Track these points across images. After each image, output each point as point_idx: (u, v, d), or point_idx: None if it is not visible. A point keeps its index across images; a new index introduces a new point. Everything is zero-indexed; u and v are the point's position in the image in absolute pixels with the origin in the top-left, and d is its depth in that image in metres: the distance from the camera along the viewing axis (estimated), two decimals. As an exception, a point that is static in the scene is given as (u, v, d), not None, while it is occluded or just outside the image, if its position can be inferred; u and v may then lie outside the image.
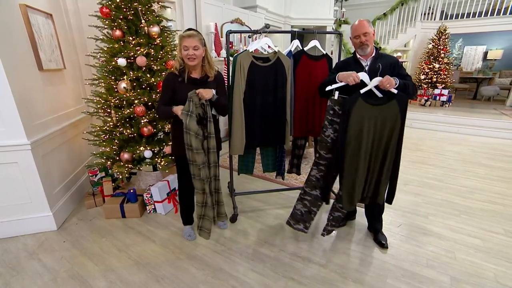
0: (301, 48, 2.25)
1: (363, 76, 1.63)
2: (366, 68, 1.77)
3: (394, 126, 1.65)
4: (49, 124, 2.22)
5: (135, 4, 2.20)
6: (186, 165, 1.79)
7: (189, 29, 1.67)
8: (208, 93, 1.65)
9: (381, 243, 1.97)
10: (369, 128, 1.64)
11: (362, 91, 1.62)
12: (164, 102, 1.73)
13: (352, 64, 1.82)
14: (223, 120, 4.02)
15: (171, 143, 1.94)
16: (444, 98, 6.70)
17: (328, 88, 1.72)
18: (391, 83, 1.60)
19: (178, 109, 1.66)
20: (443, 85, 6.90)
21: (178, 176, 1.95)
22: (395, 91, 1.60)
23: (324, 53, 2.25)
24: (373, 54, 1.78)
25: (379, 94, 1.63)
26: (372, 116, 1.63)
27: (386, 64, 1.76)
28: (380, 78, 1.60)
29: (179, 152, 1.82)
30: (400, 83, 1.66)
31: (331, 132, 1.74)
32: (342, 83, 1.68)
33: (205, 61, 1.73)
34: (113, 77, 2.31)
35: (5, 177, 1.96)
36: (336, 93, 1.69)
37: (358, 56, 1.80)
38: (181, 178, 1.95)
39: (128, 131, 2.30)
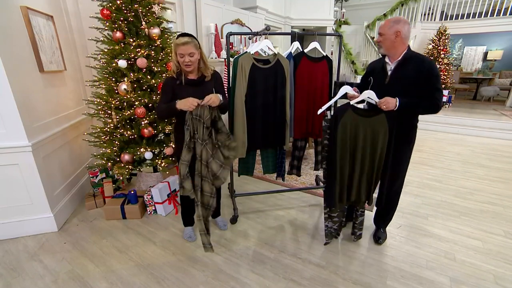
0: (301, 49, 2.26)
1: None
2: (389, 74, 1.69)
3: (382, 140, 1.68)
4: (50, 126, 2.22)
5: (135, 6, 2.20)
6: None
7: (183, 34, 1.64)
8: (217, 99, 1.64)
9: (377, 237, 2.03)
10: (357, 137, 1.68)
11: (352, 102, 1.67)
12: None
13: (379, 67, 1.75)
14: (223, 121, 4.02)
15: (173, 145, 1.94)
16: (444, 99, 6.71)
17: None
18: (388, 106, 1.57)
19: (181, 103, 1.60)
20: (443, 86, 6.91)
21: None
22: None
23: (324, 54, 2.25)
24: (399, 59, 1.64)
25: (364, 105, 1.69)
26: (360, 126, 1.67)
27: (413, 72, 1.60)
28: (371, 92, 1.61)
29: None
30: (403, 105, 1.57)
31: None
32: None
33: (201, 63, 1.73)
34: (113, 79, 2.31)
35: (6, 178, 1.96)
36: (328, 112, 1.76)
37: (386, 60, 1.71)
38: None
39: (128, 132, 2.31)
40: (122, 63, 2.18)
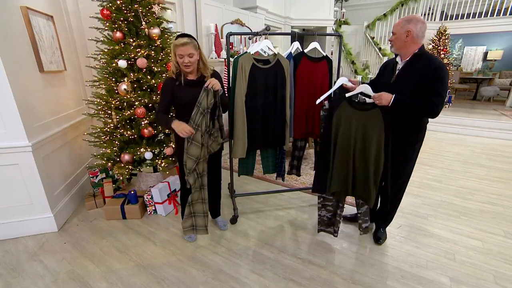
0: (301, 49, 2.26)
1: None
2: (396, 72, 1.69)
3: (377, 135, 1.66)
4: (50, 126, 2.22)
5: (135, 6, 2.20)
6: None
7: (182, 35, 1.64)
8: (218, 83, 1.66)
9: (377, 237, 2.02)
10: (350, 129, 1.69)
11: (347, 94, 1.69)
12: (163, 107, 1.75)
13: (390, 66, 1.76)
14: (223, 121, 4.02)
15: (173, 145, 1.95)
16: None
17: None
18: (381, 102, 1.57)
19: (176, 124, 1.64)
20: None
21: (181, 178, 1.96)
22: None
23: (324, 54, 2.25)
24: (408, 58, 1.63)
25: (366, 99, 1.69)
26: (355, 119, 1.68)
27: (418, 71, 1.57)
28: (366, 85, 1.63)
29: (182, 153, 1.83)
30: (397, 103, 1.55)
31: None
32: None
33: (200, 63, 1.73)
34: (113, 79, 2.31)
35: (6, 178, 1.96)
36: (326, 102, 1.77)
37: (397, 59, 1.71)
38: (184, 180, 1.95)
39: (128, 132, 2.31)
40: (122, 63, 2.18)
